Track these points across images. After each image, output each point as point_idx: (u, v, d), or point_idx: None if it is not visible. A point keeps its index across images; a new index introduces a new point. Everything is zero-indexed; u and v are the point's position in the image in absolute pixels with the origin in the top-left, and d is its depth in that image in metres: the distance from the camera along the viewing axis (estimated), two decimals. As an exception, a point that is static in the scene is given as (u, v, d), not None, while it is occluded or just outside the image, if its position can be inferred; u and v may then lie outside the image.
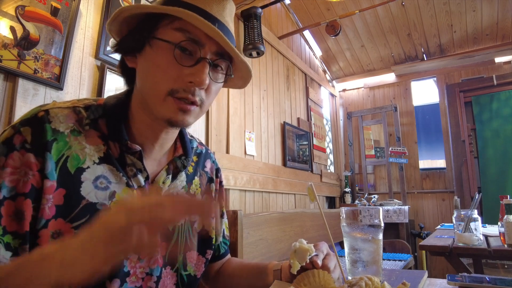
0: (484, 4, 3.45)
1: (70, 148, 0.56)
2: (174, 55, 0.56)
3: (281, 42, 3.45)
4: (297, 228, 2.29)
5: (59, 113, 0.57)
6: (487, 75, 3.93)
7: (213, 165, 0.84)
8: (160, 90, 0.57)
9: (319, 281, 0.60)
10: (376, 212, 0.73)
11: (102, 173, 0.58)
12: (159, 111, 0.58)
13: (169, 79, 0.57)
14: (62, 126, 0.56)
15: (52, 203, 0.53)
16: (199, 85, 0.57)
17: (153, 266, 0.63)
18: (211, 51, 0.59)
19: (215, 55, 0.60)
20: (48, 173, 0.52)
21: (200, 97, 0.59)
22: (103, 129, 0.61)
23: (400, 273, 0.84)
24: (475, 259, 2.03)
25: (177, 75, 0.57)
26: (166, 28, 0.58)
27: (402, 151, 4.17)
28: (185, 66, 0.57)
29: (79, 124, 0.59)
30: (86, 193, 0.56)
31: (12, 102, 1.34)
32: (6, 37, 1.32)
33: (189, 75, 0.57)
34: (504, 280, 0.74)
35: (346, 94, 4.98)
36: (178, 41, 0.57)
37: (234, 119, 2.65)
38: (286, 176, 3.22)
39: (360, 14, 3.51)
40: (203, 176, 0.79)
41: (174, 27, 0.57)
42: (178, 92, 0.57)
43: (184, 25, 0.57)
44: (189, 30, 0.57)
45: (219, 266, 0.83)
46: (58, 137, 0.55)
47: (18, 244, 0.50)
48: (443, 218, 4.00)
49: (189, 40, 0.57)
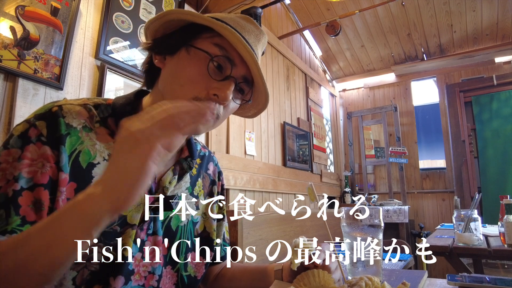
0: (484, 4, 3.45)
1: (82, 143, 0.57)
2: (207, 65, 0.58)
3: (281, 42, 3.45)
4: (297, 228, 2.29)
5: (72, 109, 0.59)
6: (487, 75, 3.93)
7: (215, 168, 0.85)
8: (185, 94, 0.58)
9: (319, 281, 0.60)
10: (376, 212, 0.73)
11: None
12: None
13: (196, 86, 0.58)
14: (75, 122, 0.58)
15: (65, 196, 0.54)
16: (223, 100, 0.58)
17: (155, 265, 0.63)
18: (240, 74, 0.61)
19: (242, 79, 0.62)
20: (62, 166, 0.54)
21: (218, 111, 0.60)
22: (113, 127, 0.62)
23: (400, 273, 0.84)
24: (475, 259, 2.04)
25: (204, 85, 0.58)
26: (205, 40, 0.60)
27: (402, 151, 4.17)
28: (214, 79, 0.59)
29: (90, 121, 0.60)
30: None
31: (12, 102, 1.34)
32: (6, 37, 1.32)
33: (215, 88, 0.58)
34: (504, 280, 0.74)
35: (346, 94, 4.98)
36: (215, 54, 0.59)
37: (234, 119, 2.65)
38: (286, 176, 3.22)
39: (360, 14, 3.51)
40: (205, 179, 0.80)
41: (213, 41, 0.60)
42: (200, 100, 0.58)
43: (222, 43, 0.59)
44: (226, 49, 0.59)
45: (218, 270, 0.83)
46: (71, 132, 0.57)
47: None
48: (443, 218, 4.00)
49: (225, 57, 0.59)
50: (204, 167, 0.81)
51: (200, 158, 0.80)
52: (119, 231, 0.58)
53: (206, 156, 0.83)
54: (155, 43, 0.64)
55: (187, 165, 0.71)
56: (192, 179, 0.75)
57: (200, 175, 0.78)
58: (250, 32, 0.63)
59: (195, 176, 0.76)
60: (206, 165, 0.82)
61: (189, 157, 0.72)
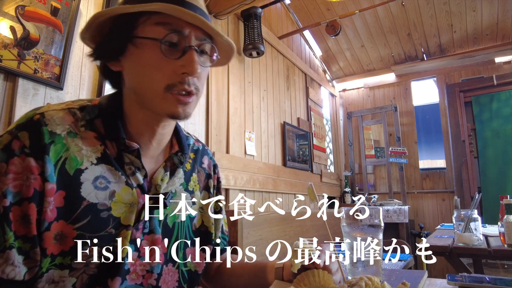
0: (484, 4, 3.45)
1: (67, 150, 0.56)
2: (162, 50, 0.56)
3: (281, 42, 3.45)
4: (297, 228, 2.29)
5: (55, 115, 0.57)
6: (487, 75, 3.93)
7: (210, 161, 0.84)
8: (157, 88, 0.57)
9: (319, 281, 0.60)
10: (376, 212, 0.73)
11: (100, 173, 0.58)
12: (160, 108, 0.59)
13: (163, 75, 0.57)
14: (58, 128, 0.56)
15: (53, 206, 0.53)
16: (193, 73, 0.57)
17: (153, 263, 0.63)
18: (195, 38, 0.59)
19: (200, 41, 0.60)
20: (48, 176, 0.52)
21: (195, 85, 0.59)
22: (100, 129, 0.61)
23: (400, 273, 0.84)
24: (475, 259, 2.04)
25: (170, 70, 0.57)
26: (146, 25, 0.57)
27: (402, 151, 4.17)
28: (174, 59, 0.57)
29: (75, 125, 0.59)
30: (86, 194, 0.56)
31: (12, 102, 1.34)
32: (6, 37, 1.32)
33: (181, 67, 0.57)
34: (504, 280, 0.74)
35: (346, 94, 4.98)
36: (162, 36, 0.56)
37: (234, 119, 2.65)
38: (286, 176, 3.22)
39: (360, 14, 3.51)
40: (201, 173, 0.79)
41: (153, 22, 0.57)
42: (175, 86, 0.57)
43: (163, 18, 0.56)
44: (169, 22, 0.57)
45: (219, 263, 0.83)
46: (56, 139, 0.55)
47: (28, 248, 0.51)
48: (443, 218, 4.00)
49: (172, 32, 0.57)
50: (199, 161, 0.80)
51: (193, 153, 0.79)
52: (114, 233, 0.58)
53: (200, 150, 0.81)
54: (100, 50, 0.62)
55: (178, 160, 0.70)
56: (186, 174, 0.74)
57: (195, 169, 0.77)
58: None
59: (189, 171, 0.75)
60: (201, 159, 0.81)
61: (180, 151, 0.70)
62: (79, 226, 0.54)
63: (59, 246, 0.53)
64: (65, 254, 0.54)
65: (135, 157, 0.61)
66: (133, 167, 0.62)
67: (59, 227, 0.53)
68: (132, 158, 0.61)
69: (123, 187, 0.60)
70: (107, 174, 0.58)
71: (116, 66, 0.62)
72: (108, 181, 0.58)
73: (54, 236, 0.53)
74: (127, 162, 0.61)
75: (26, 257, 0.51)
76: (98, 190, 0.57)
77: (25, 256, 0.50)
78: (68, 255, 0.54)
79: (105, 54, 0.62)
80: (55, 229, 0.53)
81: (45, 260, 0.52)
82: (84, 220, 0.55)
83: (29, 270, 0.51)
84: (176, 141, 0.72)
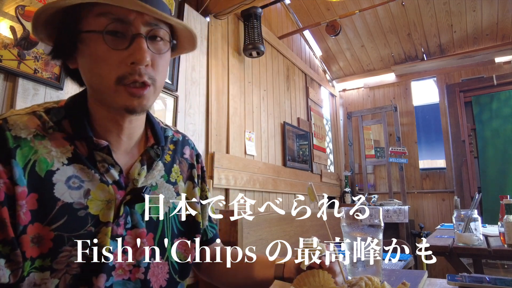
0: (484, 4, 3.45)
1: (36, 152, 0.55)
2: (106, 42, 0.54)
3: (281, 42, 3.45)
4: (297, 228, 2.29)
5: (18, 120, 0.56)
6: (487, 75, 3.93)
7: (192, 151, 0.82)
8: (108, 82, 0.56)
9: (319, 281, 0.60)
10: (376, 212, 0.73)
11: (73, 173, 0.58)
12: (114, 102, 0.58)
13: (111, 68, 0.55)
14: (23, 132, 0.55)
15: (27, 209, 0.52)
16: (141, 63, 0.55)
17: (139, 257, 0.63)
18: (143, 24, 0.56)
19: (149, 26, 0.57)
20: (17, 179, 0.52)
21: (148, 75, 0.57)
22: (68, 130, 0.60)
23: (400, 273, 0.84)
24: (475, 259, 2.04)
25: (117, 61, 0.55)
26: (88, 17, 0.55)
27: (402, 151, 4.17)
28: (121, 49, 0.55)
29: (42, 128, 0.58)
30: (60, 194, 0.55)
31: (12, 102, 1.34)
32: (6, 37, 1.32)
33: (128, 56, 0.55)
34: (504, 280, 0.74)
35: (346, 94, 4.98)
36: (103, 26, 0.54)
37: (234, 119, 2.65)
38: (286, 176, 3.22)
39: (360, 14, 3.51)
40: (183, 163, 0.78)
41: (95, 13, 0.54)
42: (125, 77, 0.55)
43: (104, 8, 0.54)
44: (111, 12, 0.54)
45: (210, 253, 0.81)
46: (21, 143, 0.54)
47: (8, 251, 0.51)
48: (443, 218, 4.00)
49: (114, 21, 0.54)
50: (179, 152, 0.78)
51: (173, 144, 0.78)
52: (94, 231, 0.57)
53: (180, 140, 0.80)
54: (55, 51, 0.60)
55: (155, 153, 0.69)
56: (167, 166, 0.73)
57: (175, 160, 0.76)
58: None
59: (169, 163, 0.74)
60: (182, 150, 0.79)
61: (156, 144, 0.69)
62: (56, 226, 0.54)
63: (37, 248, 0.53)
64: (44, 256, 0.53)
65: (106, 154, 0.61)
66: (106, 164, 0.61)
67: (35, 230, 0.53)
68: (103, 155, 0.61)
69: (98, 185, 0.59)
70: (79, 174, 0.58)
71: (73, 63, 0.61)
72: (82, 180, 0.58)
73: (31, 239, 0.52)
74: (99, 160, 0.61)
75: (7, 260, 0.51)
76: (72, 190, 0.57)
77: (6, 259, 0.50)
78: (47, 257, 0.54)
79: (59, 53, 0.60)
80: (31, 232, 0.53)
81: (25, 264, 0.52)
82: (60, 220, 0.54)
83: (12, 273, 0.51)
84: (151, 134, 0.70)
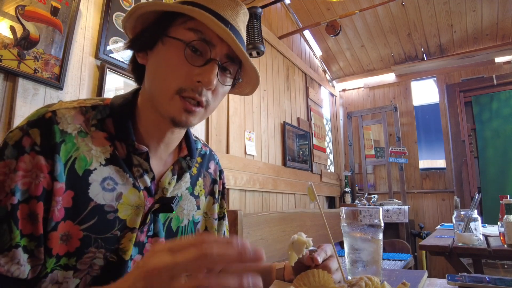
0: (484, 4, 3.45)
1: (77, 149, 0.56)
2: (184, 53, 0.57)
3: (281, 42, 3.45)
4: (297, 228, 2.29)
5: (66, 114, 0.57)
6: (487, 75, 3.93)
7: (216, 166, 0.84)
8: (169, 88, 0.57)
9: (319, 281, 0.60)
10: (376, 212, 0.73)
11: (109, 174, 0.58)
12: (165, 109, 0.59)
13: (178, 77, 0.57)
14: (70, 127, 0.56)
15: (61, 205, 0.53)
16: (207, 85, 0.57)
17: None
18: (221, 54, 0.59)
19: (225, 58, 0.60)
20: (57, 175, 0.52)
21: (206, 97, 0.59)
22: (110, 129, 0.60)
23: (400, 273, 0.84)
24: (475, 259, 2.04)
25: (186, 74, 0.57)
26: (179, 28, 0.58)
27: (402, 151, 4.17)
28: (194, 65, 0.57)
29: (86, 125, 0.58)
30: (94, 195, 0.56)
31: (12, 102, 1.34)
32: (6, 37, 1.32)
33: (198, 75, 0.57)
34: (504, 280, 0.74)
35: (346, 94, 4.98)
36: (190, 40, 0.57)
37: (234, 119, 2.65)
38: (286, 176, 3.22)
39: (360, 14, 3.51)
40: (206, 178, 0.79)
41: (187, 27, 0.58)
42: (185, 91, 0.57)
43: (197, 26, 0.57)
44: (201, 31, 0.57)
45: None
46: (66, 139, 0.55)
47: (34, 246, 0.51)
48: (443, 218, 4.00)
49: (201, 40, 0.57)
50: (205, 165, 0.79)
51: (201, 157, 0.79)
52: (119, 235, 0.57)
53: (207, 154, 0.81)
54: (133, 41, 0.63)
55: (186, 164, 0.70)
56: (193, 178, 0.73)
57: (201, 174, 0.77)
58: (225, 7, 0.60)
59: (195, 176, 0.75)
60: (207, 164, 0.80)
61: (188, 156, 0.70)
62: (86, 227, 0.54)
63: (65, 246, 0.53)
64: (70, 255, 0.54)
65: (144, 160, 0.61)
66: (141, 170, 0.61)
67: (66, 228, 0.53)
68: (141, 160, 0.61)
69: (130, 189, 0.59)
70: (115, 176, 0.58)
71: (143, 59, 0.63)
72: (116, 182, 0.58)
73: (60, 237, 0.52)
74: (136, 164, 0.61)
75: (30, 256, 0.50)
76: (105, 192, 0.57)
77: (29, 255, 0.50)
78: (73, 256, 0.54)
79: (137, 45, 0.62)
80: (62, 229, 0.53)
81: (50, 261, 0.52)
82: (91, 221, 0.55)
83: (32, 269, 0.51)
84: (185, 145, 0.71)
